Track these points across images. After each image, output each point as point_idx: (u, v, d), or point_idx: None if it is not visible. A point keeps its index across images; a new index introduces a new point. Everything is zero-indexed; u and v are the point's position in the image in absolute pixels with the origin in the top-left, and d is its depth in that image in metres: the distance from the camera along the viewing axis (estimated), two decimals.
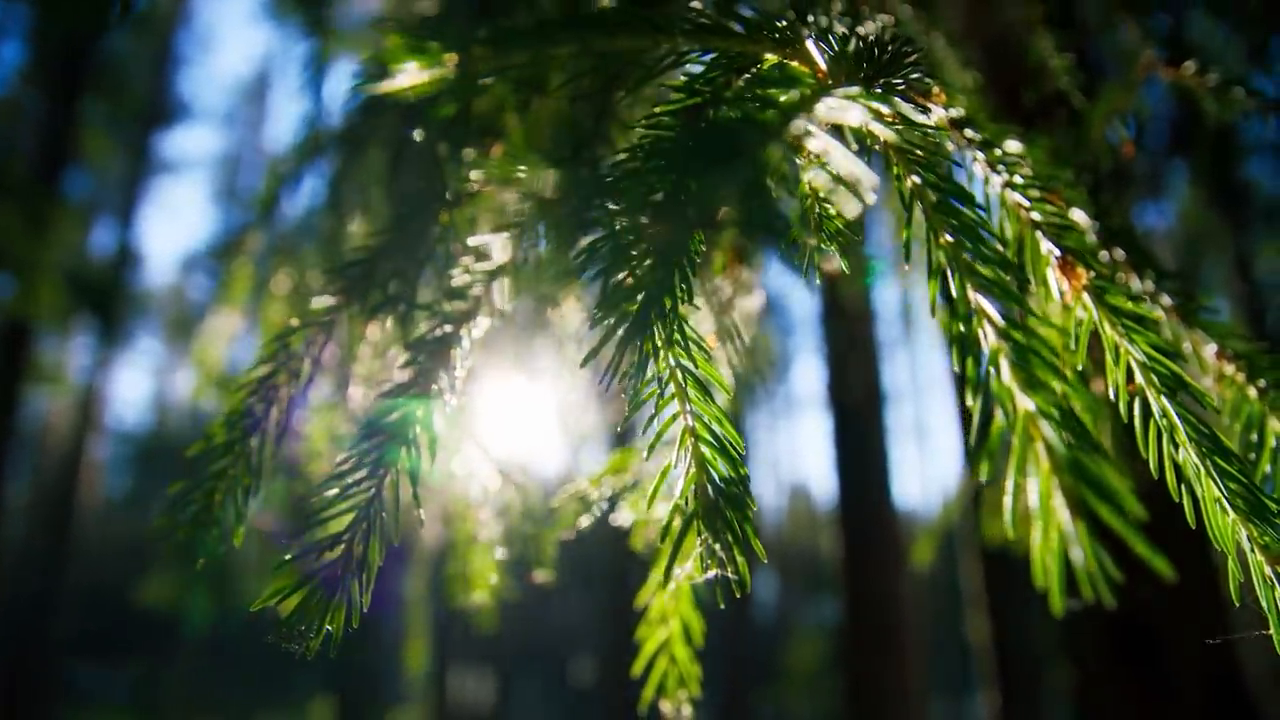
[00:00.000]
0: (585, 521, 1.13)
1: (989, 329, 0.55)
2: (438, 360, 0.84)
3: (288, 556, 0.71)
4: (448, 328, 0.87)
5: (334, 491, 0.75)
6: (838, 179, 0.53)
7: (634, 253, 0.61)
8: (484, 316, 0.90)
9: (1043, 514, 0.48)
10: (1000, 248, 0.60)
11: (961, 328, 0.56)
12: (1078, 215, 0.97)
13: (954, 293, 0.57)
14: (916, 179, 0.63)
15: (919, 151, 0.64)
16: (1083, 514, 0.46)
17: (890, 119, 0.61)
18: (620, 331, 0.58)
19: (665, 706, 1.06)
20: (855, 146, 0.65)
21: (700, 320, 1.16)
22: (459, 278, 0.91)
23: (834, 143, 0.53)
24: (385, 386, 0.82)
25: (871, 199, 0.54)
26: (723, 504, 0.63)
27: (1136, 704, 2.54)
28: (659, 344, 0.64)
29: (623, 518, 1.13)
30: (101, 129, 14.44)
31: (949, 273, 0.58)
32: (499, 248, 0.93)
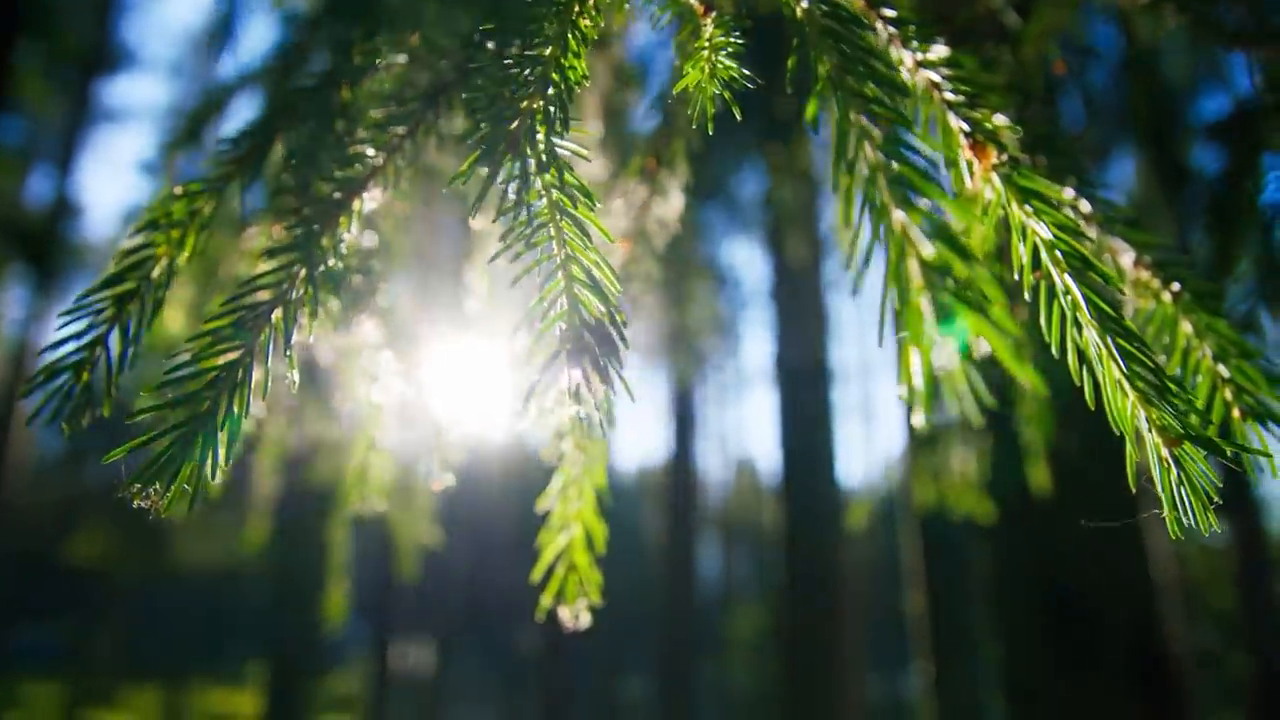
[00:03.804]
0: (490, 428, 1.09)
1: (869, 148, 0.52)
2: (324, 224, 0.80)
3: (146, 407, 0.67)
4: (338, 194, 0.83)
5: (203, 346, 0.71)
6: None
7: (517, 79, 0.57)
8: (378, 187, 0.86)
9: (911, 324, 0.45)
10: (888, 70, 0.57)
11: (844, 146, 0.53)
12: (1000, 119, 0.95)
13: (837, 112, 0.54)
14: (804, 4, 0.61)
15: None
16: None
17: None
18: (491, 156, 0.54)
19: (564, 613, 1.04)
20: None
21: (615, 223, 1.12)
22: (355, 146, 0.87)
23: None
24: (269, 246, 0.78)
25: None
26: (591, 340, 0.60)
27: (1063, 675, 2.59)
28: (531, 171, 0.60)
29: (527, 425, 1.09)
30: (38, 73, 13.95)
31: (833, 93, 0.56)
32: (398, 120, 0.90)
